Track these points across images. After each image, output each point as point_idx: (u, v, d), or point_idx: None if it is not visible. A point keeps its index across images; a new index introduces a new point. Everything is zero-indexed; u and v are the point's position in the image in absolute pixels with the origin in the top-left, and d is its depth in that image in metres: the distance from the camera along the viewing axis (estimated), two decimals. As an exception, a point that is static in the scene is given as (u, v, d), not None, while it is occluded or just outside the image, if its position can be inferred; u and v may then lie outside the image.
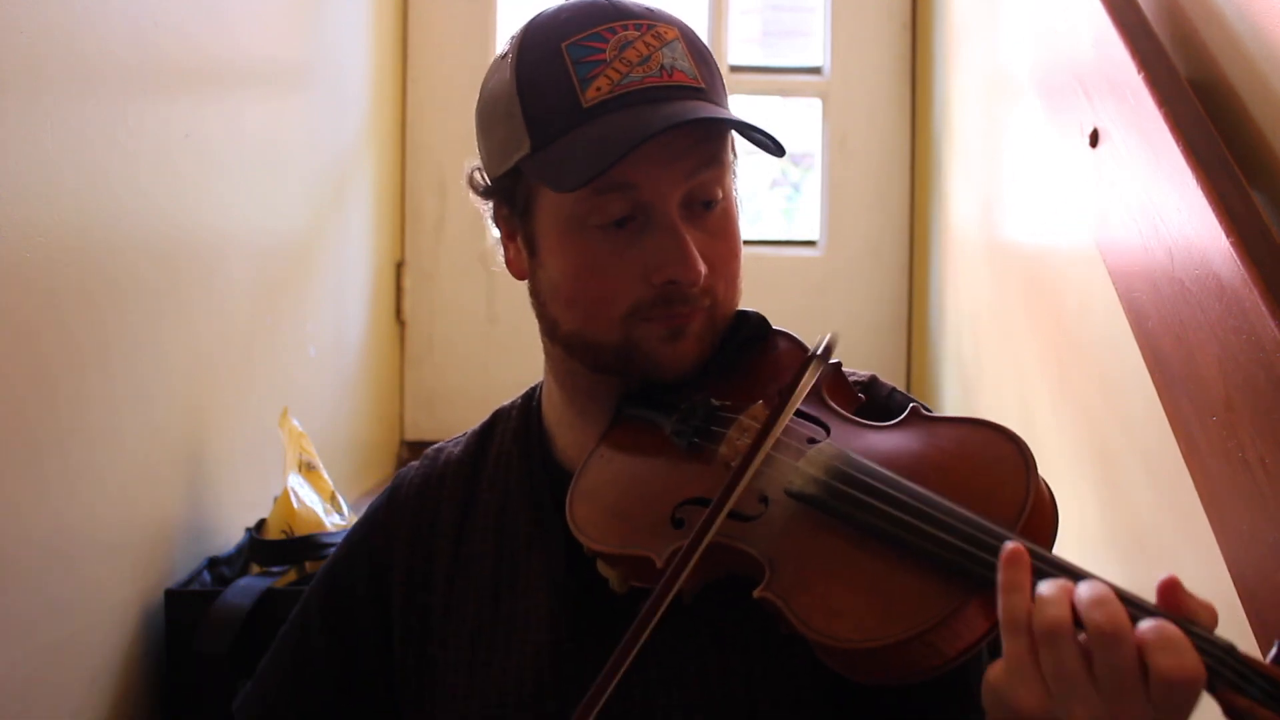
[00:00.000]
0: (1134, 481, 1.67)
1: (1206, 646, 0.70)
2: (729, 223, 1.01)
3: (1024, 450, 0.84)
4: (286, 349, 2.32)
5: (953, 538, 0.78)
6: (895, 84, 3.44)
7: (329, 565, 1.15)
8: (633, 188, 0.95)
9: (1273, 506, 1.13)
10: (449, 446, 1.15)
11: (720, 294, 1.00)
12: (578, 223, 0.97)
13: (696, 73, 0.97)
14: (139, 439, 1.63)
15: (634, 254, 0.96)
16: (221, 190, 1.95)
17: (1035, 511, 0.81)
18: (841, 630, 0.79)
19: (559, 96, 0.95)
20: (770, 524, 0.88)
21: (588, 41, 0.95)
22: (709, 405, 0.98)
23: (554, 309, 1.02)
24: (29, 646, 1.36)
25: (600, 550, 0.94)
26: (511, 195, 1.02)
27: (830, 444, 0.91)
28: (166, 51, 1.72)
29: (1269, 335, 1.12)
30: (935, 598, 0.77)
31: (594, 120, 0.93)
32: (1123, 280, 1.52)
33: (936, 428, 0.91)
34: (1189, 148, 1.31)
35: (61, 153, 1.42)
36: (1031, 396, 2.31)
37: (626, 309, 0.97)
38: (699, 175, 0.96)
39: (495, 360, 3.35)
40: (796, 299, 3.28)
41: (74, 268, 1.45)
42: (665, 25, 0.98)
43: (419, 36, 3.36)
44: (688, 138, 0.95)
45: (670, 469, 0.97)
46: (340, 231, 2.75)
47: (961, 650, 0.77)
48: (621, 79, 0.94)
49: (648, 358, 0.98)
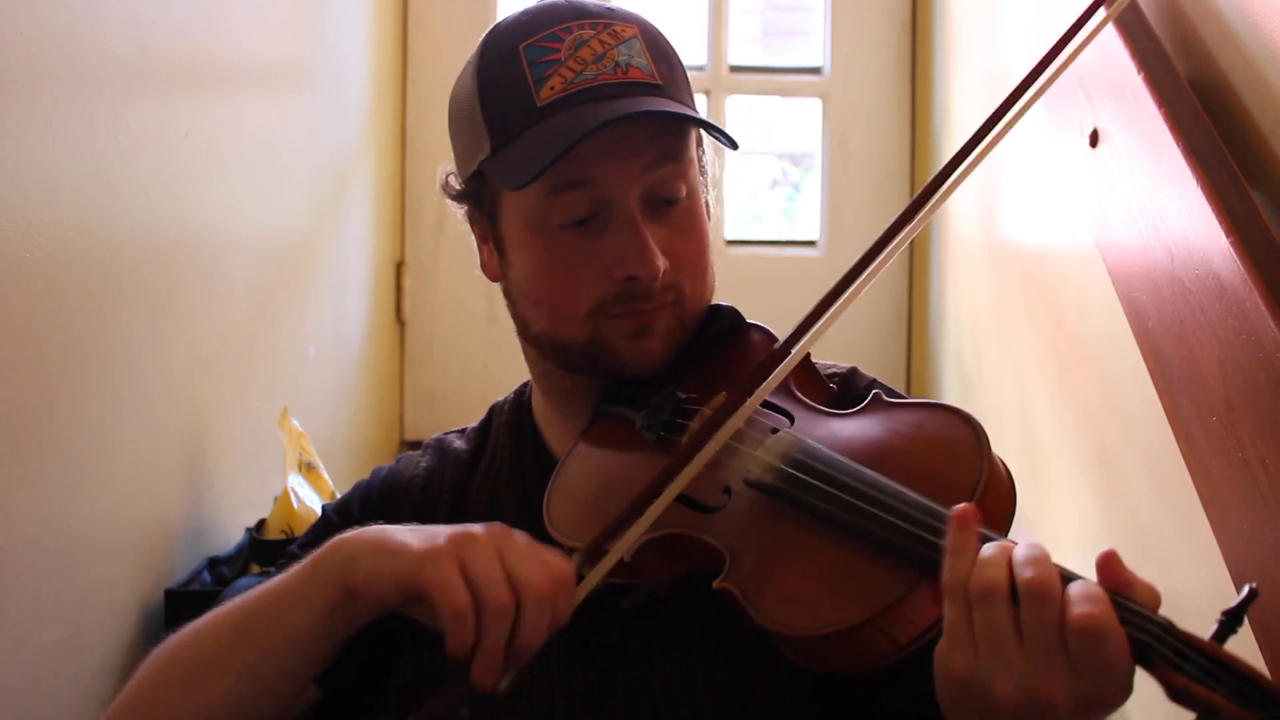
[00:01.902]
0: (1134, 481, 1.66)
1: (1137, 620, 0.70)
2: (694, 219, 1.01)
3: (977, 430, 0.85)
4: (286, 349, 2.32)
5: (903, 522, 0.79)
6: (895, 84, 3.44)
7: (322, 512, 1.15)
8: (589, 184, 0.95)
9: (1273, 506, 1.13)
10: (452, 436, 1.17)
11: (687, 290, 1.00)
12: (539, 222, 0.98)
13: (654, 69, 0.98)
14: (139, 439, 1.63)
15: (595, 251, 0.97)
16: (221, 190, 1.94)
17: (989, 490, 0.81)
18: (795, 618, 0.80)
19: (515, 97, 0.96)
20: (731, 515, 0.88)
21: (544, 42, 0.96)
22: (676, 398, 0.99)
23: (523, 308, 1.03)
24: (29, 646, 1.36)
25: (572, 546, 0.94)
26: (479, 198, 1.04)
27: (789, 433, 0.92)
28: (166, 51, 1.72)
29: (1269, 335, 1.12)
30: (885, 582, 0.78)
31: (547, 119, 0.94)
32: (1123, 280, 1.52)
33: (895, 413, 0.92)
34: (1189, 148, 1.31)
35: (62, 153, 1.42)
36: (1031, 396, 2.31)
37: (590, 306, 0.98)
38: (657, 170, 0.97)
39: (495, 360, 3.34)
40: (796, 299, 3.26)
41: (74, 268, 1.45)
42: (623, 24, 0.98)
43: (419, 36, 3.36)
44: (644, 132, 0.96)
45: (640, 463, 0.97)
46: (340, 231, 2.75)
47: (914, 636, 0.78)
48: (575, 77, 0.95)
49: (614, 355, 0.99)
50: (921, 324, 3.33)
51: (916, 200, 1.01)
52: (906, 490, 0.81)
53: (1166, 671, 0.68)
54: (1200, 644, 0.69)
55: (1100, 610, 0.69)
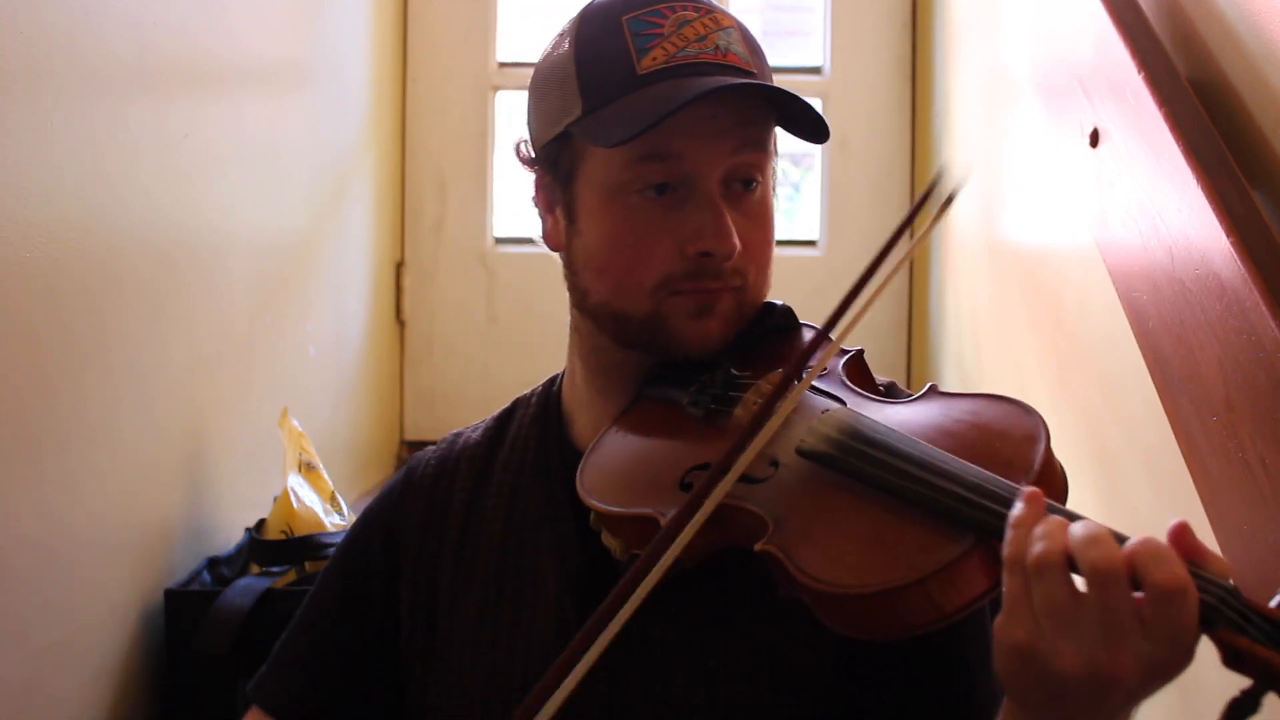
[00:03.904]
0: (1134, 481, 1.66)
1: (1206, 584, 0.69)
2: (765, 210, 1.03)
3: (1038, 419, 0.85)
4: (286, 349, 2.32)
5: (958, 487, 0.78)
6: (895, 84, 3.44)
7: (344, 541, 1.16)
8: (677, 158, 0.97)
9: (1273, 506, 1.13)
10: (467, 432, 1.17)
11: (751, 278, 1.01)
12: (619, 190, 0.99)
13: (750, 60, 1.00)
14: (139, 439, 1.63)
15: (670, 224, 0.98)
16: (221, 190, 1.95)
17: (1044, 480, 0.80)
18: (838, 575, 0.79)
19: (615, 64, 0.97)
20: (778, 485, 0.88)
21: (648, 16, 0.99)
22: (728, 374, 0.99)
23: (586, 277, 1.03)
24: (29, 646, 1.36)
25: (605, 510, 0.94)
26: (556, 162, 1.04)
27: (844, 409, 0.92)
28: (166, 51, 1.72)
29: (1269, 335, 1.12)
30: (937, 547, 0.77)
31: (647, 86, 0.96)
32: (1123, 280, 1.51)
33: (953, 400, 0.92)
34: (1189, 148, 1.30)
35: (62, 152, 1.42)
36: (1031, 396, 2.30)
37: (658, 280, 0.98)
38: (742, 154, 0.99)
39: (495, 360, 3.35)
40: (796, 299, 3.25)
41: (74, 268, 1.45)
42: (723, 15, 1.02)
43: (419, 36, 3.36)
44: (734, 116, 0.97)
45: (684, 437, 0.97)
46: (340, 231, 2.75)
47: (960, 606, 0.77)
48: (677, 51, 0.97)
49: (673, 332, 1.00)
50: (921, 324, 3.33)
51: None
52: (963, 461, 0.81)
53: (1229, 634, 0.68)
54: (1264, 608, 0.69)
55: (1181, 571, 0.68)
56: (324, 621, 1.12)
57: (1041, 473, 0.81)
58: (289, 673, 1.12)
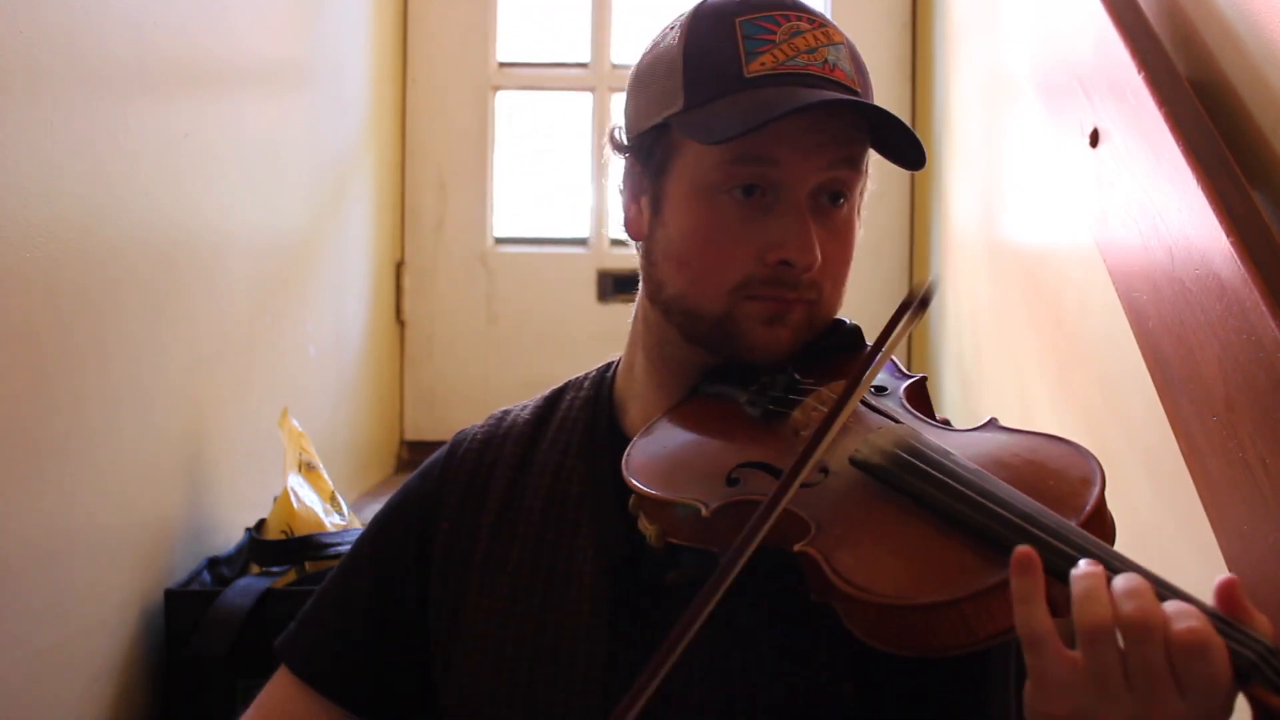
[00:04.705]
0: (1134, 481, 1.66)
1: (1241, 639, 0.69)
2: (849, 228, 1.03)
3: (1095, 464, 0.85)
4: (286, 349, 2.32)
5: (1007, 513, 0.78)
6: (895, 84, 3.44)
7: (382, 510, 1.16)
8: (772, 163, 0.97)
9: (1273, 506, 1.13)
10: (515, 409, 1.17)
11: (826, 292, 1.02)
12: (709, 187, 0.99)
13: (855, 78, 1.00)
14: (139, 439, 1.63)
15: (755, 229, 0.98)
16: (222, 190, 1.95)
17: (1093, 523, 0.80)
18: (875, 584, 0.78)
19: (724, 63, 0.98)
20: (825, 491, 0.88)
21: (761, 21, 0.99)
22: (791, 377, 1.00)
23: (664, 269, 1.03)
24: (28, 647, 1.36)
25: (648, 493, 0.93)
26: (650, 151, 1.04)
27: (904, 425, 0.92)
28: (166, 51, 1.72)
29: (1269, 335, 1.12)
30: (977, 570, 0.77)
31: (753, 89, 0.96)
32: (1123, 280, 1.51)
33: (1013, 434, 0.92)
34: (1189, 148, 1.30)
35: (62, 152, 1.42)
36: (1031, 396, 2.31)
37: (736, 281, 0.99)
38: (836, 170, 0.99)
39: (495, 360, 3.35)
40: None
41: (74, 268, 1.45)
42: (835, 31, 1.02)
43: (419, 36, 3.36)
44: (834, 131, 0.98)
45: (737, 433, 0.97)
46: (340, 231, 2.75)
47: (992, 633, 0.76)
48: (787, 59, 0.97)
49: (743, 336, 1.00)
50: (921, 324, 3.33)
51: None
52: (1016, 490, 0.81)
53: (1264, 692, 0.68)
54: None
55: (1200, 624, 0.69)
56: (356, 591, 1.12)
57: (1091, 516, 0.80)
58: (320, 640, 1.12)
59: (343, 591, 1.13)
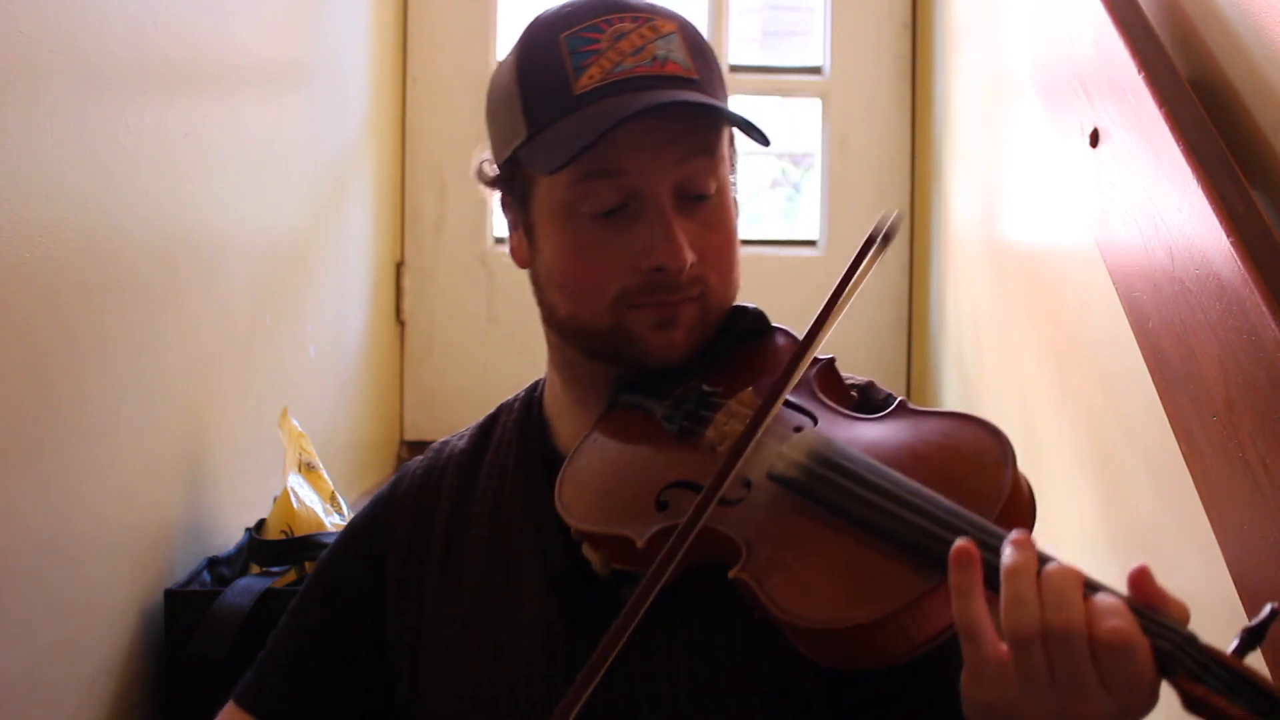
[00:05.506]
0: (1134, 481, 1.66)
1: (1160, 630, 0.70)
2: (723, 214, 1.02)
3: (1004, 443, 0.85)
4: (286, 349, 2.32)
5: (927, 522, 0.79)
6: (895, 84, 3.44)
7: (328, 551, 1.17)
8: (622, 173, 0.96)
9: (1273, 506, 1.13)
10: (453, 440, 1.17)
11: (713, 284, 1.00)
12: (569, 209, 0.99)
13: (691, 65, 0.99)
14: (139, 438, 1.63)
15: (623, 240, 0.97)
16: (221, 190, 1.94)
17: (1011, 504, 0.81)
18: (810, 610, 0.80)
19: (553, 84, 0.97)
20: (751, 508, 0.88)
21: (585, 33, 0.98)
22: (700, 390, 0.99)
23: (550, 294, 1.04)
24: (28, 647, 1.36)
25: (583, 529, 0.94)
26: (511, 184, 1.04)
27: (814, 431, 0.92)
28: (166, 51, 1.72)
29: (1269, 335, 1.12)
30: (906, 581, 0.78)
31: (584, 107, 0.95)
32: (1123, 280, 1.52)
33: (921, 420, 0.92)
34: (1189, 148, 1.31)
35: (61, 152, 1.42)
36: (1031, 396, 2.31)
37: (615, 294, 0.98)
38: (689, 163, 0.98)
39: (495, 360, 3.35)
40: (796, 299, 3.25)
41: (74, 268, 1.45)
42: (663, 19, 1.00)
43: (419, 36, 3.36)
44: (678, 125, 0.96)
45: (659, 453, 0.98)
46: (340, 231, 2.75)
47: (930, 636, 0.78)
48: (613, 68, 0.96)
49: (636, 344, 1.00)
50: (921, 324, 3.33)
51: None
52: (932, 492, 0.81)
53: (1187, 681, 0.69)
54: (1221, 656, 0.70)
55: (1125, 624, 0.70)
56: (307, 627, 1.12)
57: (1010, 497, 0.81)
58: (268, 673, 1.12)
59: (296, 632, 1.13)
